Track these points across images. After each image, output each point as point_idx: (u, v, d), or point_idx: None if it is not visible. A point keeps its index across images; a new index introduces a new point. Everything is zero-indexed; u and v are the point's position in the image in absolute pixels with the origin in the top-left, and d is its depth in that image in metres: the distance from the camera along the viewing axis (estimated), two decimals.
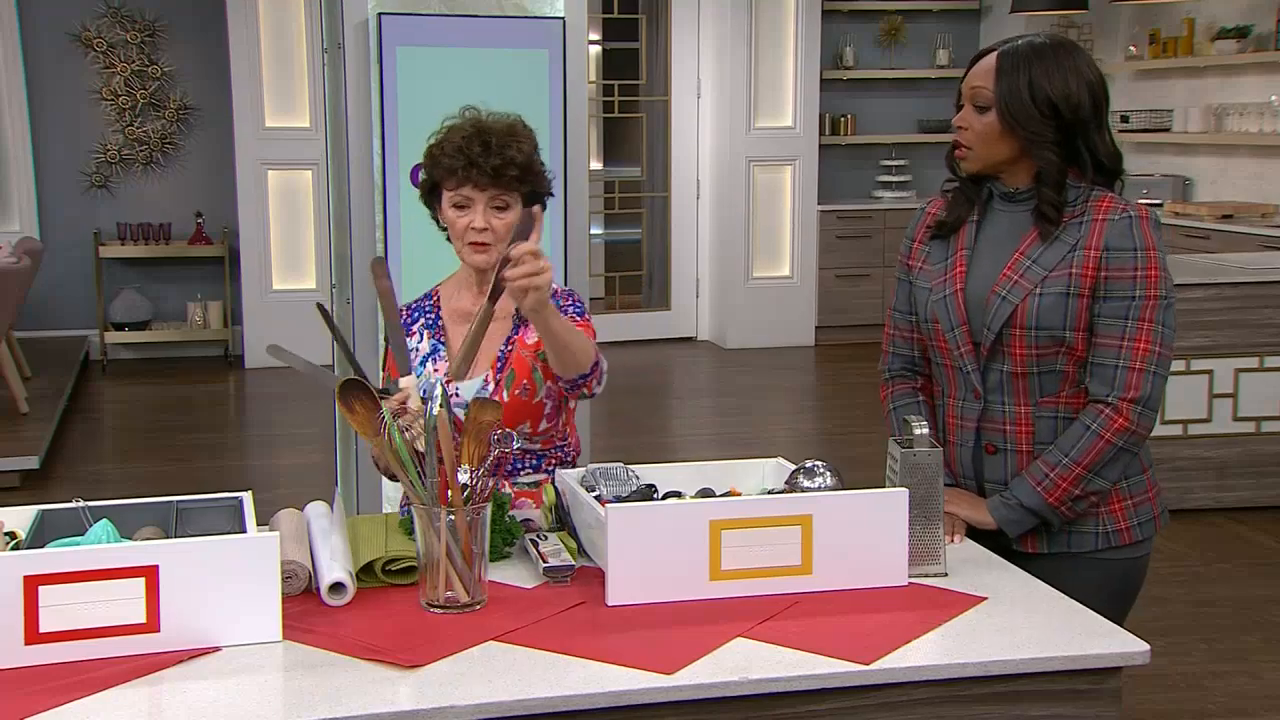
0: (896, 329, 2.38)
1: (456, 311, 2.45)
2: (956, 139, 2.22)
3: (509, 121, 2.39)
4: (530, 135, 2.40)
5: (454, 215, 2.35)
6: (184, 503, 2.06)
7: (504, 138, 2.33)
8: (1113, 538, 2.20)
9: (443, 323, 2.45)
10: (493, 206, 2.33)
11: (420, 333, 2.46)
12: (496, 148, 2.31)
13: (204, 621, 1.74)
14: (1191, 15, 7.82)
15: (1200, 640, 4.00)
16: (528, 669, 1.70)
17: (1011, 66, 2.13)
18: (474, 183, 2.31)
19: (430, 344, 2.44)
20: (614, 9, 8.84)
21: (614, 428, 6.55)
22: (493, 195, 2.32)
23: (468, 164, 2.30)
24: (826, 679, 1.70)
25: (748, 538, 1.93)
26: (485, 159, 2.30)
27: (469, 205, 2.33)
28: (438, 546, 1.87)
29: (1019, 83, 2.12)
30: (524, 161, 2.33)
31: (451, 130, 2.37)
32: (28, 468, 5.68)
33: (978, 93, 2.17)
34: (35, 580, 1.68)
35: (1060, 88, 2.11)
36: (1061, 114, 2.12)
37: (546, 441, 2.39)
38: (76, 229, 8.22)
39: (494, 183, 2.31)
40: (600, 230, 9.31)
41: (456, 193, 2.33)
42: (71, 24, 8.15)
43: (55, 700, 1.59)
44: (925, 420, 2.08)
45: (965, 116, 2.20)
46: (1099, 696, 1.79)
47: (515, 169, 2.32)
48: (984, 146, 2.18)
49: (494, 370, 2.37)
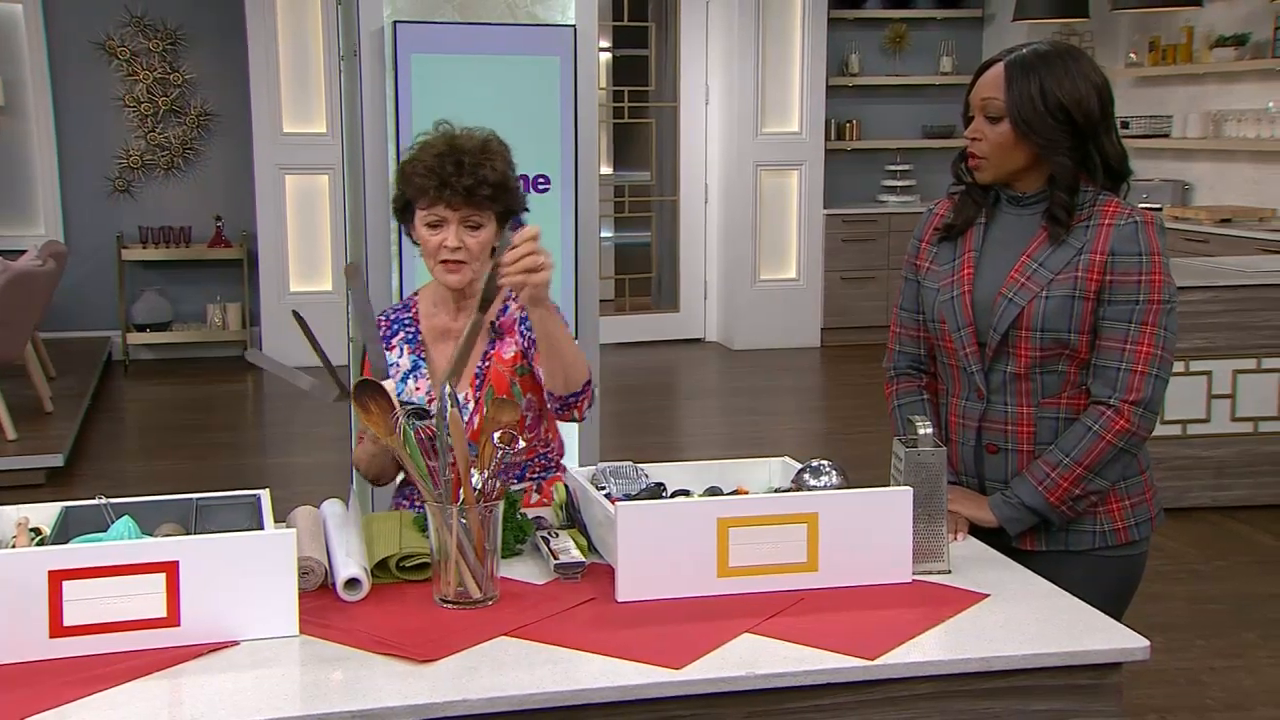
0: (903, 327, 2.37)
1: (435, 329, 2.40)
2: (970, 150, 2.20)
3: (482, 138, 2.32)
4: (504, 152, 2.34)
5: (427, 234, 2.29)
6: (203, 500, 2.07)
7: (477, 156, 2.27)
8: (1110, 537, 2.20)
9: (422, 338, 2.40)
10: (466, 225, 2.28)
11: (400, 347, 2.40)
12: (470, 167, 2.25)
13: (223, 616, 1.75)
14: (1191, 23, 7.80)
15: (1198, 636, 3.99)
16: (539, 663, 1.70)
17: (1021, 75, 2.12)
18: (446, 202, 2.25)
19: (411, 360, 2.38)
20: (624, 17, 8.84)
21: (623, 427, 6.55)
22: (465, 215, 2.27)
23: (440, 184, 2.24)
24: (832, 674, 1.70)
25: (755, 535, 1.92)
26: (458, 179, 2.24)
27: (442, 224, 2.28)
28: (451, 543, 1.87)
29: (1030, 90, 2.10)
30: (497, 180, 2.28)
31: (424, 148, 2.31)
32: (52, 465, 5.70)
33: (989, 104, 2.15)
34: (60, 575, 1.69)
35: (1071, 92, 2.10)
36: (1074, 118, 2.11)
37: (529, 451, 2.35)
38: (100, 232, 8.25)
39: (467, 202, 2.26)
40: (610, 233, 9.31)
41: (429, 211, 2.28)
42: (96, 33, 8.18)
43: (79, 692, 1.60)
44: (929, 420, 2.07)
45: (978, 128, 2.17)
46: (1100, 691, 1.78)
47: (488, 188, 2.26)
48: (999, 156, 2.16)
49: (473, 389, 2.33)
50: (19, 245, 7.54)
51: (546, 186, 3.89)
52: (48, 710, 1.56)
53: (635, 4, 8.85)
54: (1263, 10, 7.30)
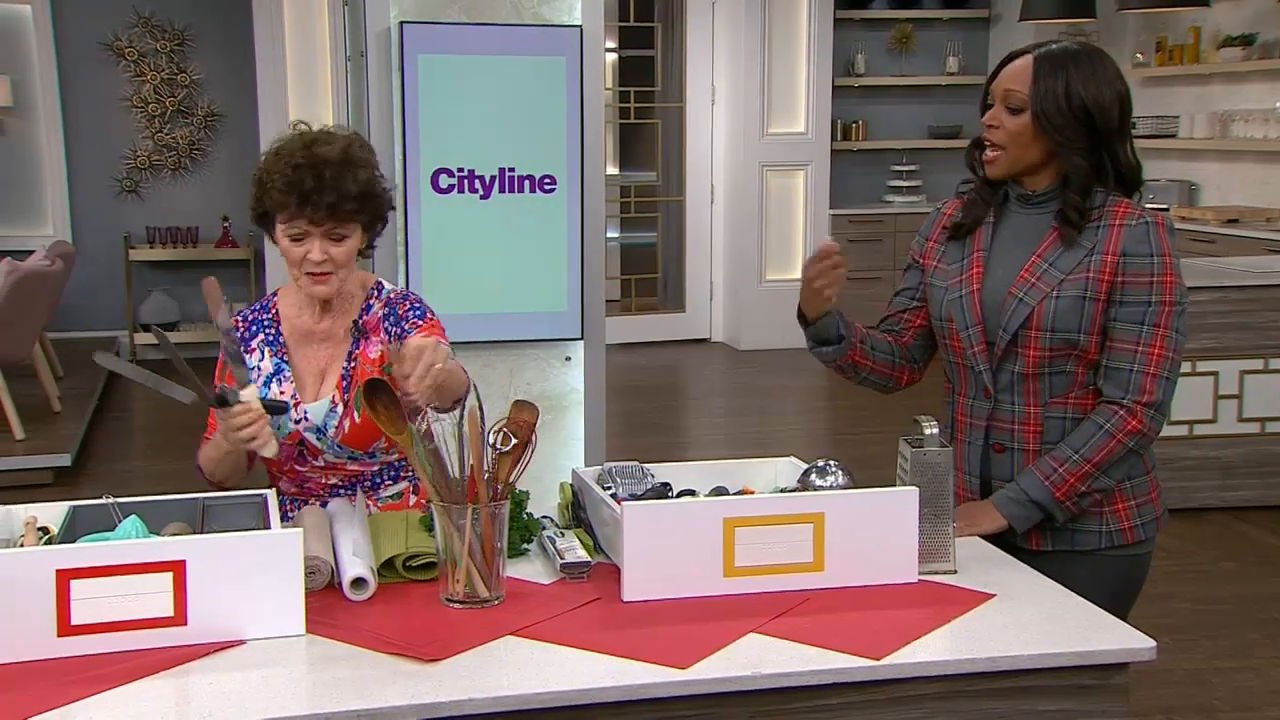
0: (891, 307, 2.37)
1: (299, 330, 2.32)
2: (986, 138, 2.19)
3: (343, 145, 2.20)
4: (367, 158, 2.23)
5: (289, 245, 2.20)
6: (210, 499, 2.07)
7: (338, 169, 2.15)
8: (1116, 537, 2.19)
9: (284, 340, 2.32)
10: (330, 238, 2.19)
11: (260, 349, 2.32)
12: (330, 181, 2.14)
13: (230, 615, 1.75)
14: (1197, 24, 7.78)
15: (1205, 636, 3.98)
16: (545, 663, 1.69)
17: (1049, 71, 2.11)
18: (308, 218, 2.16)
19: (273, 363, 2.31)
20: (630, 17, 8.84)
21: (629, 427, 6.54)
22: (329, 229, 2.18)
23: (301, 200, 2.14)
24: (838, 674, 1.70)
25: (761, 535, 1.92)
26: (319, 195, 2.14)
27: (305, 237, 2.19)
28: (458, 543, 1.86)
29: (1055, 87, 2.10)
30: (360, 192, 2.18)
31: (280, 154, 2.19)
32: (60, 465, 5.71)
33: (1011, 94, 2.14)
34: (67, 574, 1.69)
35: (1095, 94, 2.10)
36: (1094, 121, 2.10)
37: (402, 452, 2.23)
38: (107, 233, 8.26)
39: (329, 217, 2.16)
40: (616, 234, 9.30)
41: (291, 225, 2.18)
42: (104, 33, 8.19)
43: (86, 690, 1.60)
44: (935, 420, 2.07)
45: (996, 116, 2.17)
46: (1106, 691, 1.78)
47: (351, 202, 2.17)
48: (1015, 148, 2.15)
49: (340, 391, 2.29)
50: (27, 245, 7.55)
51: (553, 187, 3.90)
52: (55, 708, 1.56)
53: (641, 5, 8.84)
54: (1270, 10, 7.28)
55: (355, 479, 2.35)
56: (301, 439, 2.30)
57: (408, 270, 3.83)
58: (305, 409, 2.30)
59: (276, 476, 2.37)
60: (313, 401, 2.31)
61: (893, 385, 2.37)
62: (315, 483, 2.35)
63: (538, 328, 3.97)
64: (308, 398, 2.31)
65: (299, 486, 2.36)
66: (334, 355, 2.33)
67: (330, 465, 2.33)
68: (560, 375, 4.05)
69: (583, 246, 3.94)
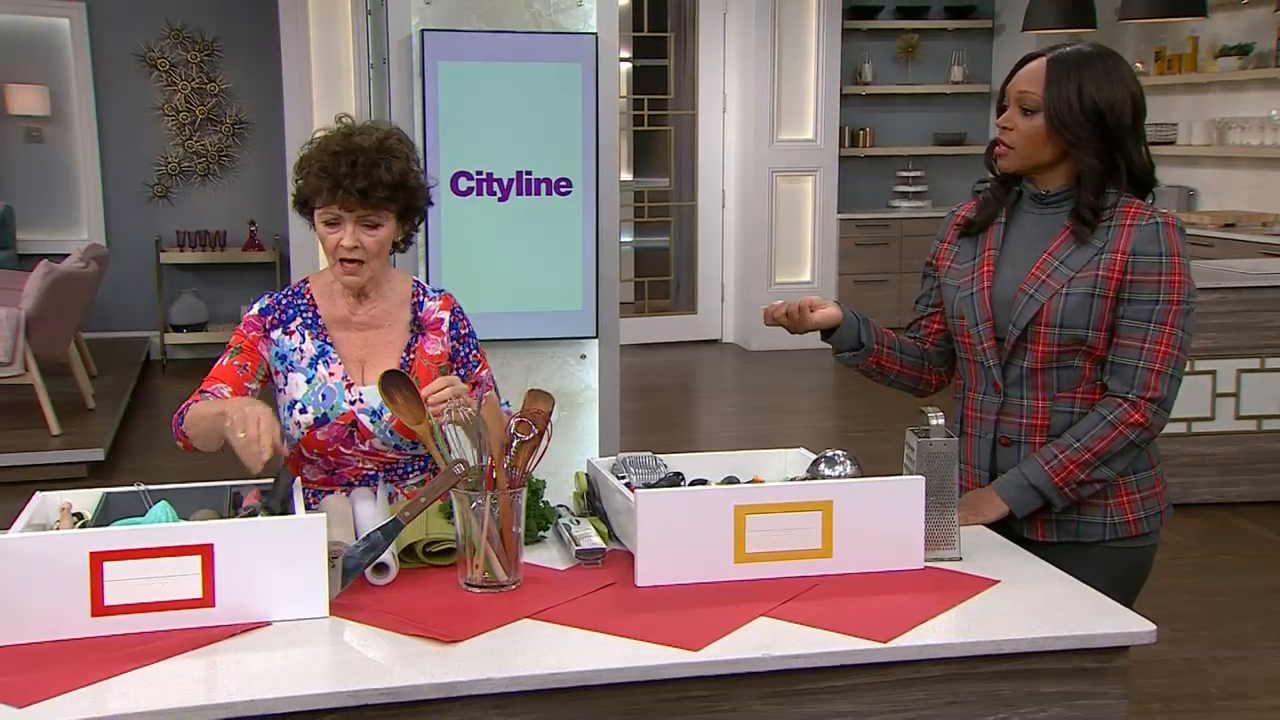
0: (915, 314, 2.40)
1: (335, 317, 2.33)
2: (1000, 138, 2.18)
3: (380, 136, 2.22)
4: (404, 149, 2.24)
5: (324, 231, 2.22)
6: (238, 486, 2.07)
7: (372, 156, 2.17)
8: (1120, 529, 2.18)
9: (323, 323, 2.32)
10: (363, 225, 2.20)
11: (300, 332, 2.31)
12: (364, 167, 2.16)
13: (256, 597, 1.75)
14: (1195, 34, 7.75)
15: (1202, 627, 3.96)
16: (560, 645, 1.69)
17: (1062, 73, 2.10)
18: (341, 203, 2.17)
19: (316, 345, 2.30)
20: (644, 27, 8.84)
21: (643, 424, 6.54)
22: (361, 215, 2.19)
23: (334, 184, 2.16)
24: (846, 656, 1.69)
25: (771, 522, 1.91)
26: (351, 180, 2.15)
27: (339, 222, 2.20)
28: (477, 529, 1.86)
29: (1069, 89, 2.09)
30: (394, 181, 2.19)
31: (321, 144, 2.21)
32: (94, 459, 5.74)
33: (1025, 96, 2.14)
34: (100, 556, 1.69)
35: (1107, 96, 2.08)
36: (1106, 122, 2.09)
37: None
38: (139, 236, 8.30)
39: (362, 203, 2.18)
40: (630, 238, 9.30)
41: (326, 210, 2.20)
42: (137, 45, 8.23)
43: (119, 668, 1.60)
44: (940, 411, 2.06)
45: (1011, 117, 2.16)
46: (1107, 674, 1.77)
47: (384, 190, 2.18)
48: (1028, 148, 2.15)
49: None
50: (63, 248, 7.59)
51: (569, 189, 3.89)
52: (89, 685, 1.56)
53: (655, 14, 8.84)
54: (1266, 21, 7.25)
55: (389, 467, 2.34)
56: (355, 420, 2.28)
57: (428, 270, 3.83)
58: (360, 391, 2.28)
59: (306, 461, 2.34)
60: (369, 385, 2.28)
61: (923, 388, 2.39)
62: (349, 469, 2.32)
63: (553, 326, 3.97)
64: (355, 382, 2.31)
65: (329, 473, 2.34)
66: (372, 343, 2.32)
67: (373, 451, 2.31)
68: (575, 372, 4.05)
69: (597, 249, 3.94)
